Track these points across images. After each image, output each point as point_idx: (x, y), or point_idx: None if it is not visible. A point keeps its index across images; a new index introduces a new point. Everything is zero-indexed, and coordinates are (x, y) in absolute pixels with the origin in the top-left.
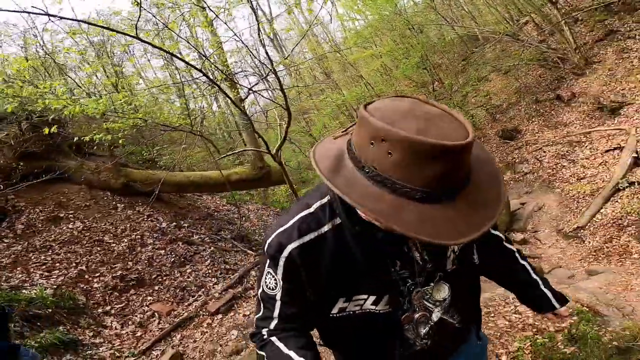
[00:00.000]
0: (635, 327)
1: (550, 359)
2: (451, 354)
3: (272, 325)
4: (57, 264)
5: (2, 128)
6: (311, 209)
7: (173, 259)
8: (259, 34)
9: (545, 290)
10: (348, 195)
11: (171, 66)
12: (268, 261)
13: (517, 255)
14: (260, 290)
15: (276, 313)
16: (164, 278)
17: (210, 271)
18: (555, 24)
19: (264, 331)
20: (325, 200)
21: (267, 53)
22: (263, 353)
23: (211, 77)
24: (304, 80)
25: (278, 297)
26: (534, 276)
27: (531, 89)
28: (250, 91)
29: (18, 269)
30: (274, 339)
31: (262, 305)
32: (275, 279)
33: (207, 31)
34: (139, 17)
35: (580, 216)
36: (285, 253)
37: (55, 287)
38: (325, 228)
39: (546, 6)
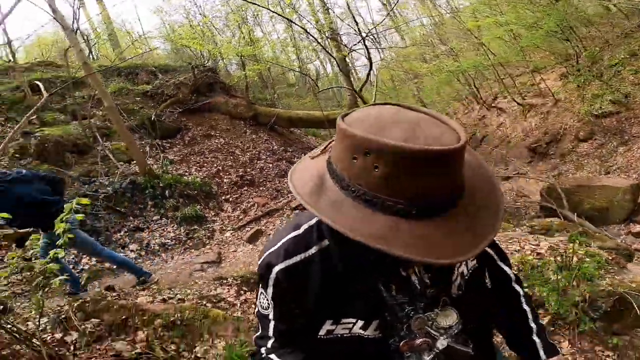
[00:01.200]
0: None
1: (529, 277)
2: None
3: (270, 343)
4: (205, 164)
5: (182, 74)
6: (299, 231)
7: (277, 171)
8: (347, 5)
9: (536, 339)
10: (334, 220)
11: (290, 29)
12: (260, 281)
13: (522, 298)
14: (257, 309)
15: (271, 332)
16: (268, 182)
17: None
18: None
19: (263, 350)
20: (313, 221)
21: (354, 19)
22: None
23: (318, 36)
24: (418, 42)
25: (271, 316)
26: (531, 324)
27: None
28: (351, 49)
29: (183, 164)
30: (272, 356)
31: (259, 324)
32: (267, 299)
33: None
34: None
35: None
36: (273, 274)
37: (201, 177)
38: (312, 251)
39: None
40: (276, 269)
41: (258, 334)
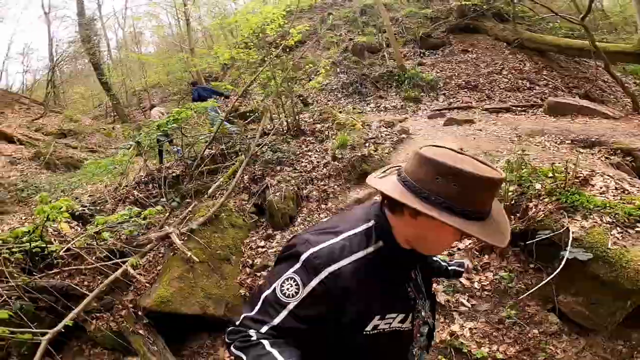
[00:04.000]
0: None
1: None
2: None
3: (264, 329)
4: (446, 69)
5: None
6: (357, 229)
7: (507, 85)
8: None
9: (453, 267)
10: (429, 210)
11: None
12: (300, 267)
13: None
14: (269, 290)
15: (276, 321)
16: (488, 90)
17: (514, 101)
18: None
19: (252, 332)
20: (371, 224)
21: None
22: (242, 355)
23: None
24: None
25: (291, 306)
26: (442, 262)
27: None
28: None
29: (429, 67)
30: (265, 342)
31: (260, 305)
32: (298, 288)
33: None
34: None
35: None
36: (331, 268)
37: (434, 76)
38: (370, 249)
39: None
40: (339, 264)
41: (252, 314)
